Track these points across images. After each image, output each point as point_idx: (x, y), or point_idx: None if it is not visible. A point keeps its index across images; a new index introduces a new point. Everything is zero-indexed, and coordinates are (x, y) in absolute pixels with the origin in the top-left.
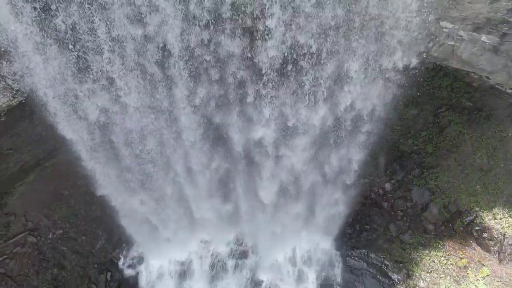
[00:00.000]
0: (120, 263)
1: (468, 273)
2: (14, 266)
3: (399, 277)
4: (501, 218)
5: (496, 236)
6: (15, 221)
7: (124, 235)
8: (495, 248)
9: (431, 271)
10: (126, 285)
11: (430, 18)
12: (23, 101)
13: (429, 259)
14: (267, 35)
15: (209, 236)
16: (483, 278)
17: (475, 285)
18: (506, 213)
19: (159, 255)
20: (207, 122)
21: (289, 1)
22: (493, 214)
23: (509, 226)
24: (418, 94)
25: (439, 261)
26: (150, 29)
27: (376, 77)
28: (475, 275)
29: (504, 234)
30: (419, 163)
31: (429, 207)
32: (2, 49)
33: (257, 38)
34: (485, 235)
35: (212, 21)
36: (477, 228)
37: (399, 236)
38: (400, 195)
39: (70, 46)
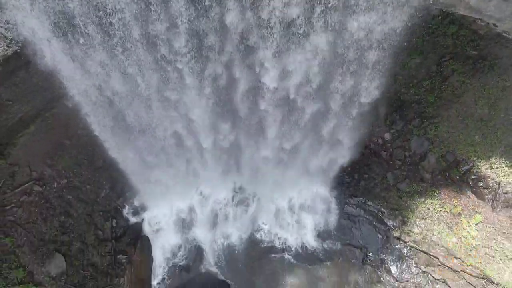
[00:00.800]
0: (125, 211)
1: (461, 220)
2: (22, 214)
3: (394, 224)
4: (497, 168)
5: (491, 185)
6: (19, 171)
7: (127, 184)
8: (489, 196)
9: (425, 218)
10: (131, 232)
11: None
12: (18, 50)
13: (425, 207)
14: None
15: (210, 184)
16: (476, 224)
17: (467, 231)
18: (503, 162)
19: (161, 203)
20: None
21: None
22: (490, 163)
23: (504, 175)
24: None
25: (434, 209)
26: None
27: None
28: (468, 222)
29: (499, 183)
30: (420, 113)
31: (427, 156)
32: None
33: None
34: (480, 183)
35: None
36: (473, 177)
37: (396, 184)
38: (399, 145)
39: None
